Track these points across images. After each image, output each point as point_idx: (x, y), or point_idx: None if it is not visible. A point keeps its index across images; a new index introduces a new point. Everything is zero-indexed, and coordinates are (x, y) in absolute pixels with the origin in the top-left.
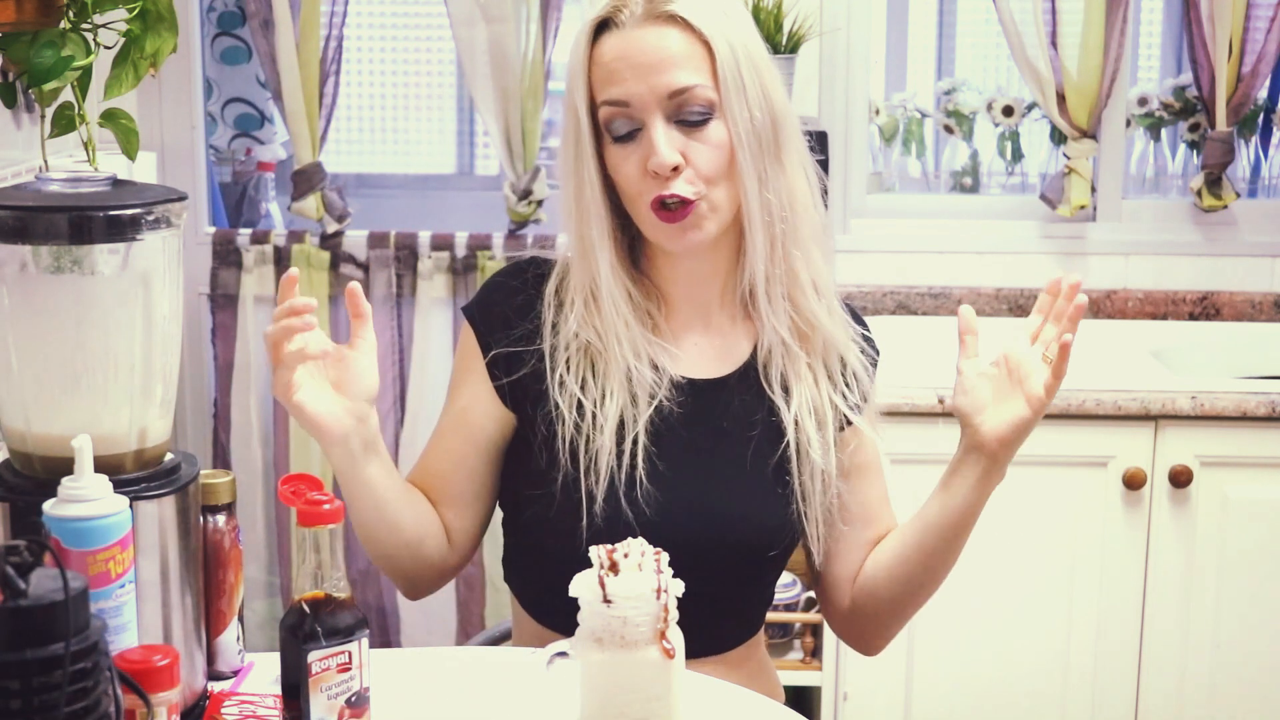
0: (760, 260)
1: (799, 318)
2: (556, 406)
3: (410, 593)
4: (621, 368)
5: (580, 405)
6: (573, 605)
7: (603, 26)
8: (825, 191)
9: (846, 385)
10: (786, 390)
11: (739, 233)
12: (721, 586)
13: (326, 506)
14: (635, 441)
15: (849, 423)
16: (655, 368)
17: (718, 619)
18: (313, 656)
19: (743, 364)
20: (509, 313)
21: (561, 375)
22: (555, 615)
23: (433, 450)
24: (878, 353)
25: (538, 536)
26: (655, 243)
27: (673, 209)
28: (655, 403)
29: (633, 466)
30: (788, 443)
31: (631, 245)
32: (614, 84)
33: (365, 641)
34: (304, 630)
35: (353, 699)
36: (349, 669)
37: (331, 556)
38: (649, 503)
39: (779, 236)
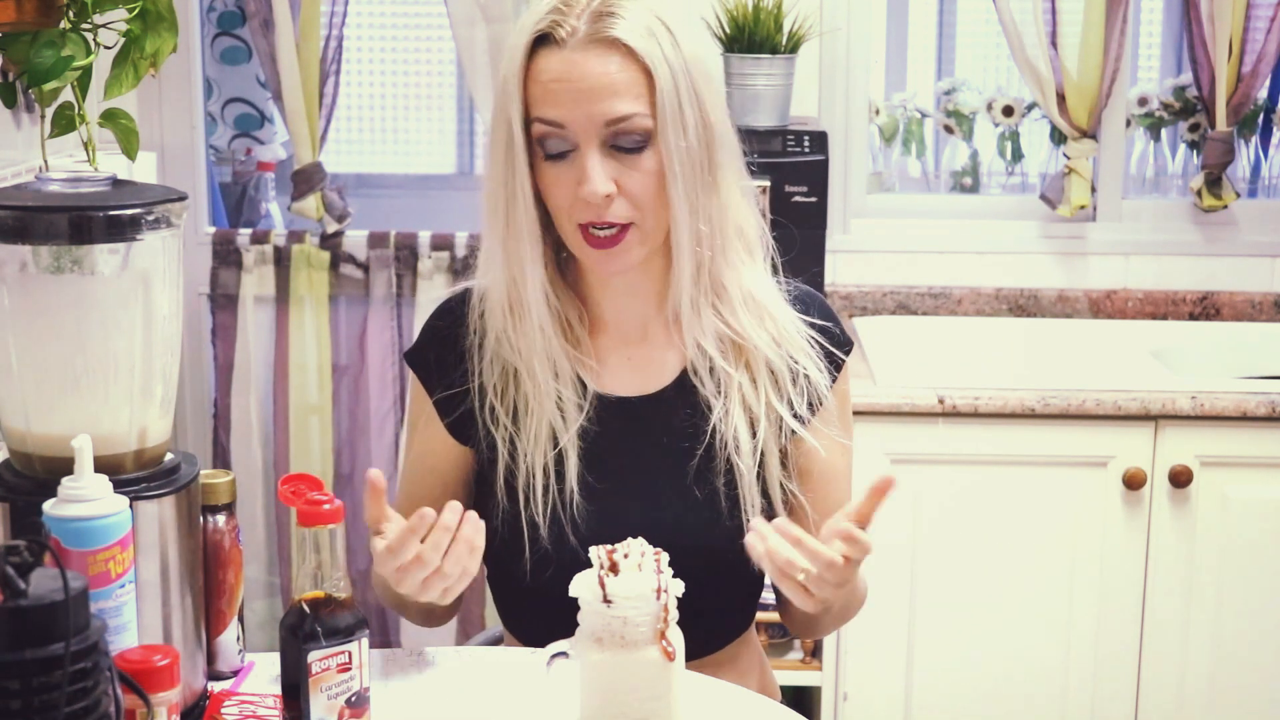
0: (685, 285)
1: (730, 332)
2: (489, 436)
3: (428, 624)
4: (544, 389)
5: (512, 436)
6: (539, 620)
7: (541, 39)
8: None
9: (795, 390)
10: (721, 398)
11: (669, 253)
12: (693, 596)
13: (326, 506)
14: (567, 462)
15: (795, 430)
16: (580, 385)
17: (693, 624)
18: (313, 656)
19: (678, 376)
20: (443, 354)
21: (492, 403)
22: (522, 628)
23: (404, 498)
24: (846, 348)
25: (493, 563)
26: (585, 264)
27: (601, 235)
28: (582, 420)
29: (569, 490)
30: (721, 450)
31: (559, 258)
32: (550, 104)
33: (365, 641)
34: (304, 630)
35: (353, 699)
36: (349, 669)
37: (331, 556)
38: (589, 522)
39: (705, 260)
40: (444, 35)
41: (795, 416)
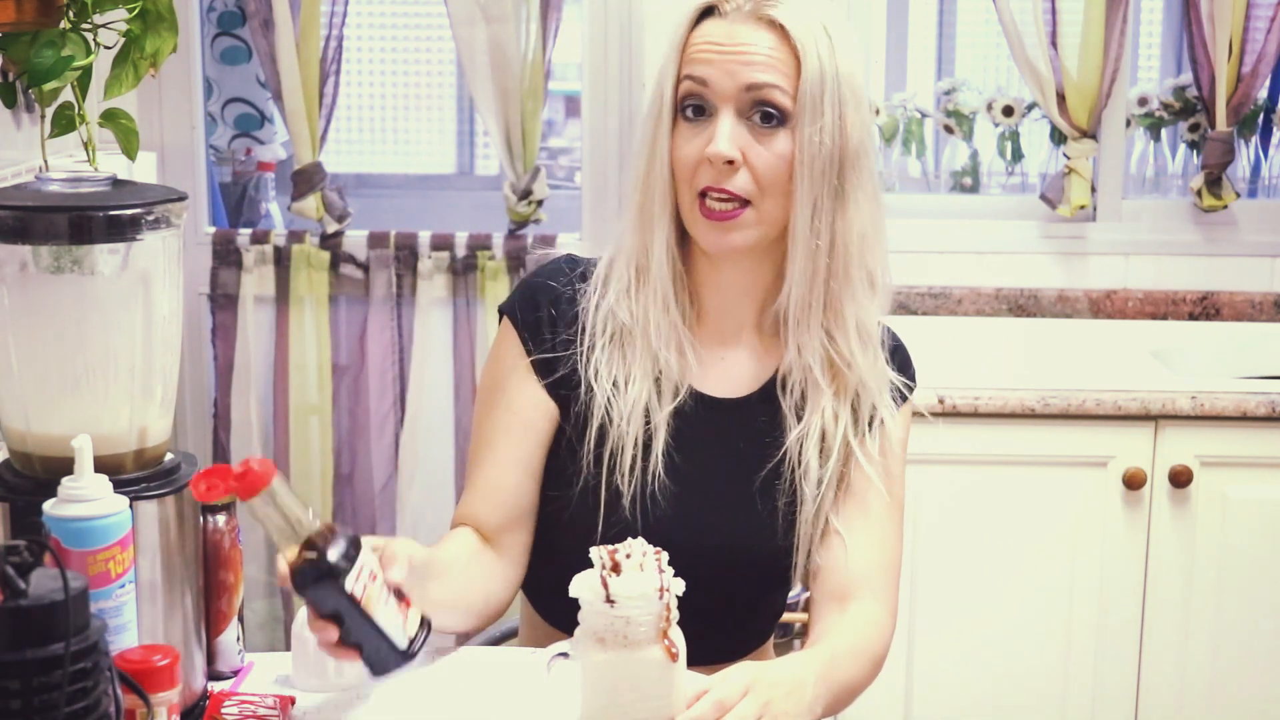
0: (798, 285)
1: (835, 354)
2: (590, 392)
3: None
4: (650, 353)
5: (609, 400)
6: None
7: (705, 13)
8: None
9: (870, 430)
10: (800, 417)
11: (784, 252)
12: (726, 600)
13: (256, 468)
14: (657, 438)
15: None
16: (682, 357)
17: (721, 631)
18: (349, 584)
19: (764, 385)
20: (553, 315)
21: (597, 367)
22: (564, 614)
23: (490, 464)
24: (905, 398)
25: (554, 535)
26: (696, 238)
27: (717, 208)
28: (679, 400)
29: (653, 465)
30: (790, 469)
31: (680, 242)
32: (699, 64)
33: (366, 546)
34: (324, 569)
35: (397, 594)
36: (376, 575)
37: (291, 501)
38: (668, 500)
39: (821, 269)
40: (444, 35)
41: (861, 450)
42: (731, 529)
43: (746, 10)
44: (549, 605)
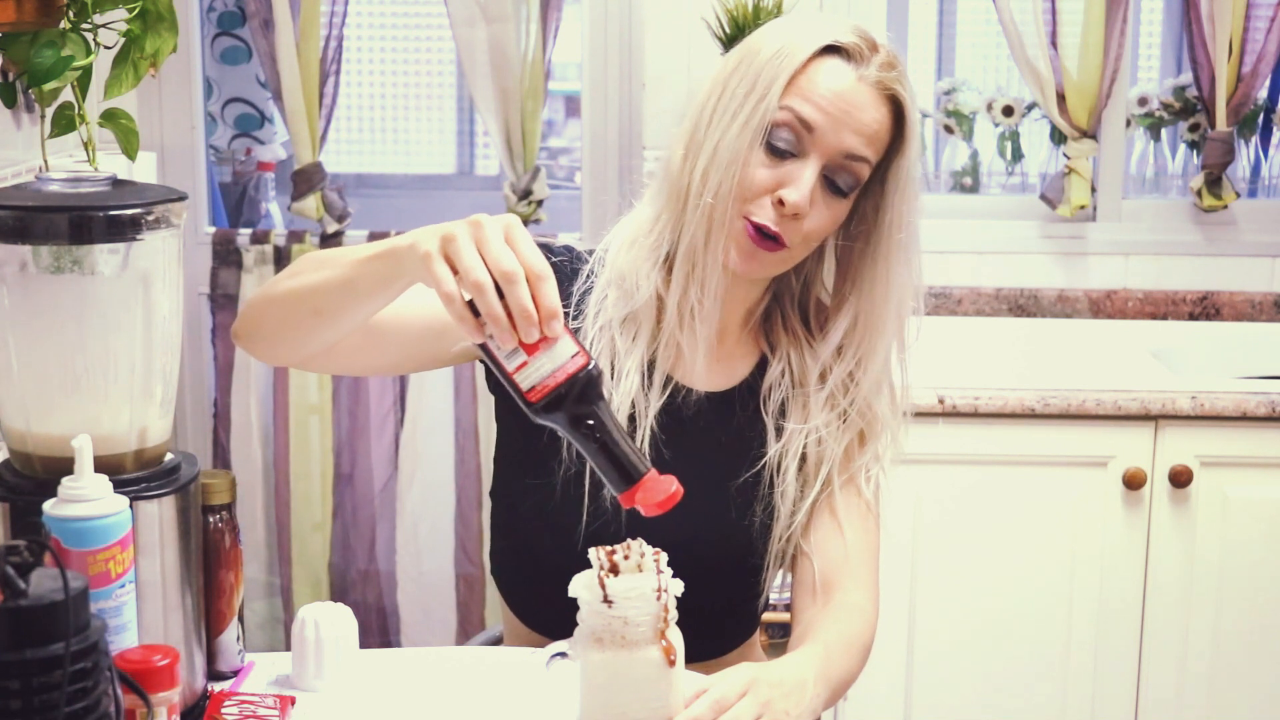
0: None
1: (862, 405)
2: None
3: (260, 343)
4: (648, 338)
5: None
6: (564, 609)
7: (831, 49)
8: None
9: (865, 475)
10: (780, 429)
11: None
12: (703, 598)
13: None
14: (644, 427)
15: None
16: (680, 347)
17: (701, 626)
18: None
19: (745, 381)
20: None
21: (592, 347)
22: (544, 618)
23: (409, 301)
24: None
25: (533, 533)
26: (724, 256)
27: (763, 237)
28: (668, 390)
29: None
30: (769, 481)
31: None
32: (814, 106)
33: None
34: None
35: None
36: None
37: None
38: None
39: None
40: (444, 35)
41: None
42: (710, 527)
43: (874, 74)
44: (527, 607)
